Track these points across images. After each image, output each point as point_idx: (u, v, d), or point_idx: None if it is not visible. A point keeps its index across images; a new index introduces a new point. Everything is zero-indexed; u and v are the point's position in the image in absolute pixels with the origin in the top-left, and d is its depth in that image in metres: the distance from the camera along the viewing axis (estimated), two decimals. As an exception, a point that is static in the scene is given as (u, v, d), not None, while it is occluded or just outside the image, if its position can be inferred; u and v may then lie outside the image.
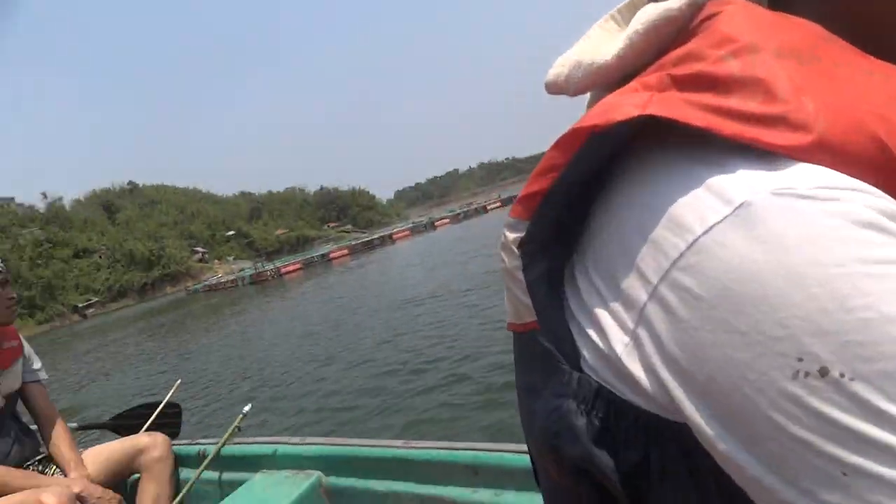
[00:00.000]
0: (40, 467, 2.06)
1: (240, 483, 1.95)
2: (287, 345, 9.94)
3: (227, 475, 2.05)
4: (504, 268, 0.38)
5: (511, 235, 0.36)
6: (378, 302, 12.18)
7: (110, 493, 1.95)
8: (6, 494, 1.81)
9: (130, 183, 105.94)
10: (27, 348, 2.20)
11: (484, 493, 1.41)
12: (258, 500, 1.73)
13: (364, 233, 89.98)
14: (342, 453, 1.69)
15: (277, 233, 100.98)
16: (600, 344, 0.31)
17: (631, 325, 0.29)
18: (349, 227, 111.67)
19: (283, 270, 40.17)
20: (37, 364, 2.20)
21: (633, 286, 0.29)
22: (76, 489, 1.87)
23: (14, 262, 61.75)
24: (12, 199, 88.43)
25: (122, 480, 2.08)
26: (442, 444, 1.51)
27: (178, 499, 2.01)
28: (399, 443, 1.59)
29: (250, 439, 2.04)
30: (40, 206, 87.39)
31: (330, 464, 1.73)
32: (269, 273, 40.58)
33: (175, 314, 30.63)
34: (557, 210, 0.34)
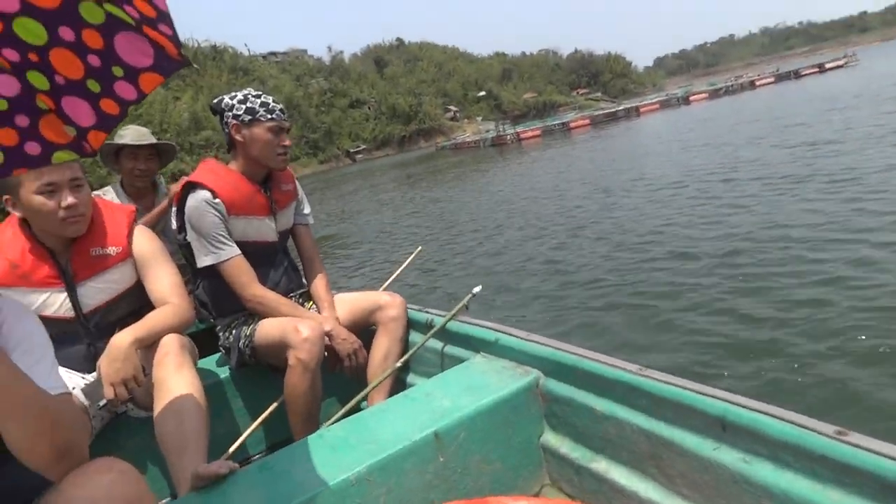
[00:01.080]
0: (300, 300, 2.29)
1: (459, 360, 1.94)
2: (522, 213, 9.40)
3: (449, 349, 2.05)
4: None
5: None
6: (606, 180, 11.20)
7: (353, 337, 2.08)
8: (274, 316, 2.05)
9: (398, 39, 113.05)
10: (300, 193, 2.37)
11: (729, 454, 1.15)
12: (475, 383, 1.69)
13: (613, 101, 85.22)
14: (566, 360, 1.54)
15: (525, 96, 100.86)
16: None
17: None
18: (598, 94, 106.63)
19: (522, 136, 40.54)
20: (307, 209, 2.38)
21: None
22: (327, 327, 2.03)
23: (304, 107, 71.77)
24: (305, 51, 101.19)
25: (362, 330, 2.20)
26: (685, 384, 1.25)
27: (404, 358, 2.08)
28: (633, 367, 1.37)
29: (475, 320, 1.98)
30: (326, 58, 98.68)
31: (551, 367, 1.59)
32: (508, 137, 41.32)
33: (424, 167, 33.17)
34: None
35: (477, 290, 2.12)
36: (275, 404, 2.05)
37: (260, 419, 2.03)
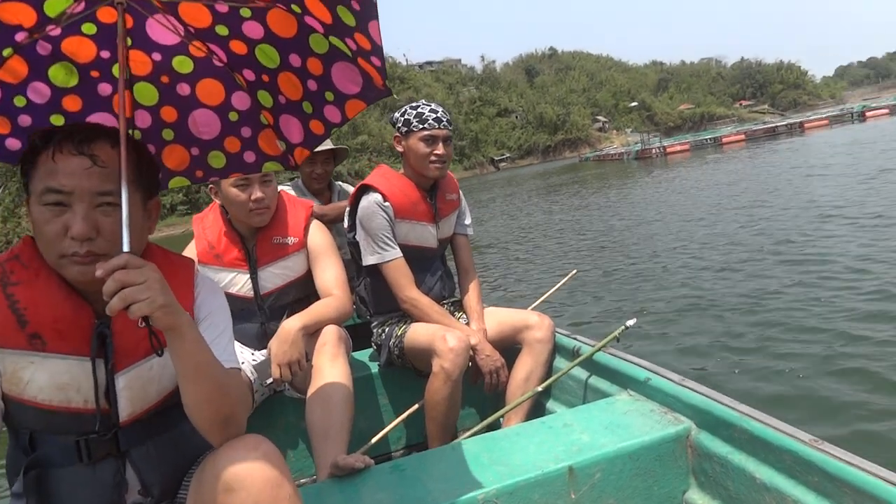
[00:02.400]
0: (451, 308, 2.35)
1: (603, 394, 1.87)
2: (678, 238, 8.45)
3: (594, 381, 1.98)
4: None
5: None
6: (767, 205, 9.78)
7: (497, 354, 2.10)
8: (425, 321, 2.13)
9: (550, 48, 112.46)
10: (464, 203, 2.45)
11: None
12: (618, 422, 1.61)
13: (782, 115, 77.85)
14: (724, 415, 1.41)
15: (681, 107, 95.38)
16: None
17: None
18: (765, 107, 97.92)
19: (669, 150, 38.79)
20: (468, 220, 2.46)
21: None
22: (473, 340, 2.07)
23: (454, 115, 73.89)
24: (459, 60, 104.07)
25: (506, 347, 2.19)
26: (873, 468, 1.09)
27: (546, 383, 2.04)
28: (806, 437, 1.22)
29: (625, 355, 1.90)
30: (478, 67, 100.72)
31: (706, 419, 1.47)
32: (654, 151, 39.75)
33: (566, 177, 32.31)
34: None
35: (631, 323, 2.03)
36: (415, 406, 2.12)
37: (398, 419, 2.11)
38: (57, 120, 1.27)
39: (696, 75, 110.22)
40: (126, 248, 0.96)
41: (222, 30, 1.27)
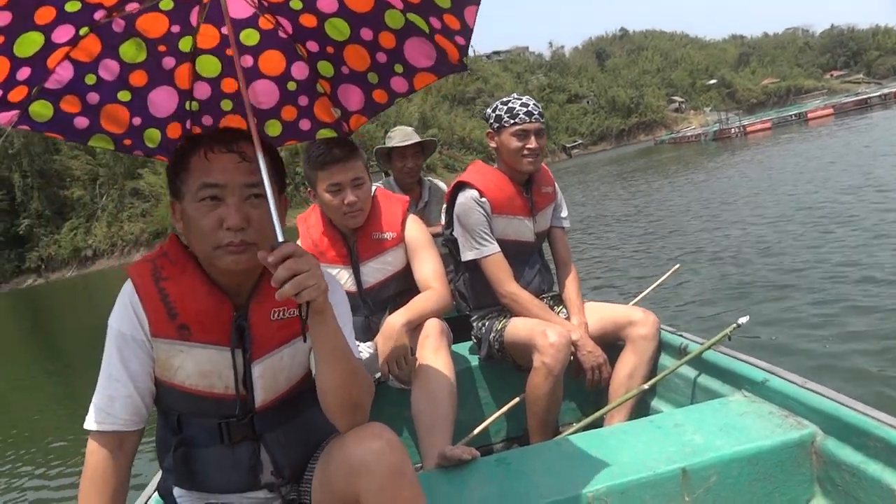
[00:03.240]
0: (550, 302, 2.34)
1: (715, 395, 1.80)
2: (778, 224, 7.64)
3: (704, 380, 1.91)
4: None
5: None
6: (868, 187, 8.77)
7: (599, 350, 2.06)
8: (525, 315, 2.13)
9: (621, 29, 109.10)
10: (560, 196, 2.43)
11: None
12: (733, 423, 1.54)
13: (879, 84, 71.95)
14: (856, 422, 1.32)
15: (764, 82, 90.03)
16: None
17: None
18: (860, 76, 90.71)
19: (749, 129, 36.56)
20: (564, 212, 2.44)
21: None
22: (574, 336, 2.05)
23: (522, 103, 72.79)
24: (526, 48, 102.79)
25: (608, 343, 2.13)
26: None
27: (652, 381, 1.99)
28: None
29: (738, 354, 1.82)
30: (546, 54, 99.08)
31: (833, 425, 1.39)
32: (733, 130, 37.67)
33: (641, 162, 30.93)
34: None
35: (743, 320, 1.93)
36: (515, 400, 2.13)
37: (500, 412, 2.12)
38: (124, 96, 1.32)
39: (781, 47, 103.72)
40: (280, 237, 1.04)
41: (296, 4, 1.29)
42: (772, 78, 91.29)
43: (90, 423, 1.21)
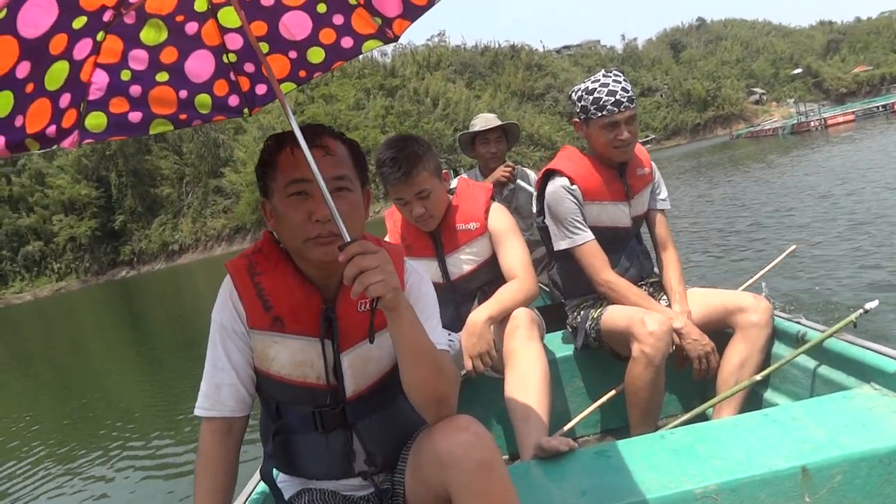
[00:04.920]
0: (650, 289, 2.28)
1: (838, 387, 1.70)
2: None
3: (825, 371, 1.80)
4: None
5: None
6: None
7: (706, 338, 1.97)
8: (623, 304, 2.07)
9: (699, 19, 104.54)
10: (657, 176, 2.35)
11: None
12: (861, 418, 1.44)
13: None
14: None
15: (855, 70, 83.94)
16: None
17: None
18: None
19: (830, 122, 34.96)
20: (663, 193, 2.35)
21: None
22: (677, 324, 1.97)
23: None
24: (598, 41, 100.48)
25: (715, 331, 2.05)
26: None
27: (766, 372, 1.90)
28: None
29: (866, 342, 1.70)
30: (619, 47, 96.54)
31: (982, 422, 1.30)
32: (812, 124, 35.96)
33: (716, 157, 29.80)
34: None
35: (871, 305, 1.79)
36: (613, 391, 2.09)
37: (598, 402, 2.09)
38: (162, 77, 1.34)
39: (876, 32, 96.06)
40: (347, 237, 1.07)
41: None
42: (864, 66, 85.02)
43: (200, 410, 1.29)
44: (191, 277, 34.49)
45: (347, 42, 1.47)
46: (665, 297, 2.21)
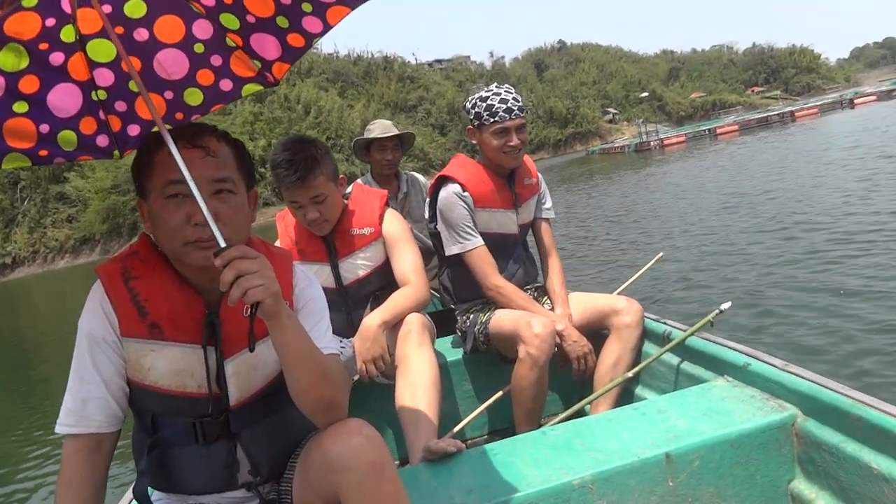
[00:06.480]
0: (535, 294, 2.37)
1: (697, 380, 1.86)
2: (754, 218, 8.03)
3: (687, 366, 1.97)
4: None
5: None
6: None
7: (584, 340, 2.10)
8: (510, 307, 2.15)
9: (560, 41, 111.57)
10: (543, 186, 2.46)
11: None
12: (715, 408, 1.60)
13: (794, 100, 76.88)
14: (834, 402, 1.40)
15: (692, 96, 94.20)
16: None
17: None
18: (777, 92, 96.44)
19: (666, 142, 40.11)
20: (548, 203, 2.46)
21: None
22: (559, 326, 2.08)
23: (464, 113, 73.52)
24: (468, 57, 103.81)
25: (592, 332, 2.18)
26: None
27: (636, 369, 2.04)
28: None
29: (721, 339, 1.89)
30: (488, 63, 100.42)
31: (813, 406, 1.46)
32: (652, 143, 41.02)
33: (576, 169, 32.67)
34: None
35: (725, 306, 1.98)
36: (500, 393, 2.14)
37: (485, 404, 2.13)
38: (20, 107, 1.25)
39: (708, 63, 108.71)
40: (222, 242, 1.03)
41: None
42: (700, 92, 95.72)
43: (63, 427, 1.18)
44: (27, 293, 30.82)
45: (227, 84, 1.42)
46: (549, 300, 2.32)
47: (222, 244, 1.02)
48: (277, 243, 2.18)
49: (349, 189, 2.30)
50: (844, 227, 6.53)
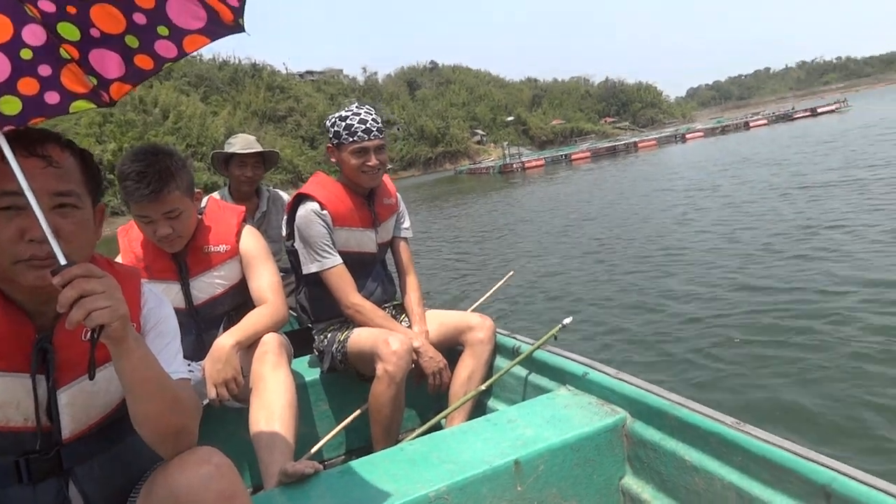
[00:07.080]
0: (393, 311, 2.39)
1: (543, 390, 1.97)
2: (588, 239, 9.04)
3: (534, 378, 2.08)
4: None
5: None
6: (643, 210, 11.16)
7: (440, 355, 2.15)
8: (368, 326, 2.14)
9: (432, 62, 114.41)
10: (402, 207, 2.48)
11: (833, 531, 1.10)
12: (559, 415, 1.71)
13: (642, 131, 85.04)
14: (655, 404, 1.56)
15: (553, 123, 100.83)
16: None
17: None
18: (626, 123, 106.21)
19: (527, 165, 43.92)
20: (406, 223, 2.49)
21: None
22: (416, 343, 2.11)
23: (335, 125, 72.59)
24: (340, 70, 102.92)
25: (448, 348, 2.24)
26: (788, 445, 1.25)
27: (488, 382, 2.12)
28: (729, 420, 1.38)
29: (564, 352, 2.01)
30: (360, 78, 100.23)
31: (639, 409, 1.63)
32: (514, 165, 44.39)
33: (446, 188, 34.35)
34: None
35: (567, 321, 2.13)
36: (358, 411, 2.15)
37: (343, 424, 2.12)
38: None
39: (567, 92, 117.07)
40: (62, 260, 0.95)
41: None
42: (559, 119, 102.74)
43: None
44: None
45: (53, 97, 1.29)
46: (406, 318, 2.35)
47: (63, 262, 0.93)
48: (119, 259, 2.02)
49: (204, 203, 2.19)
50: (668, 245, 7.61)
